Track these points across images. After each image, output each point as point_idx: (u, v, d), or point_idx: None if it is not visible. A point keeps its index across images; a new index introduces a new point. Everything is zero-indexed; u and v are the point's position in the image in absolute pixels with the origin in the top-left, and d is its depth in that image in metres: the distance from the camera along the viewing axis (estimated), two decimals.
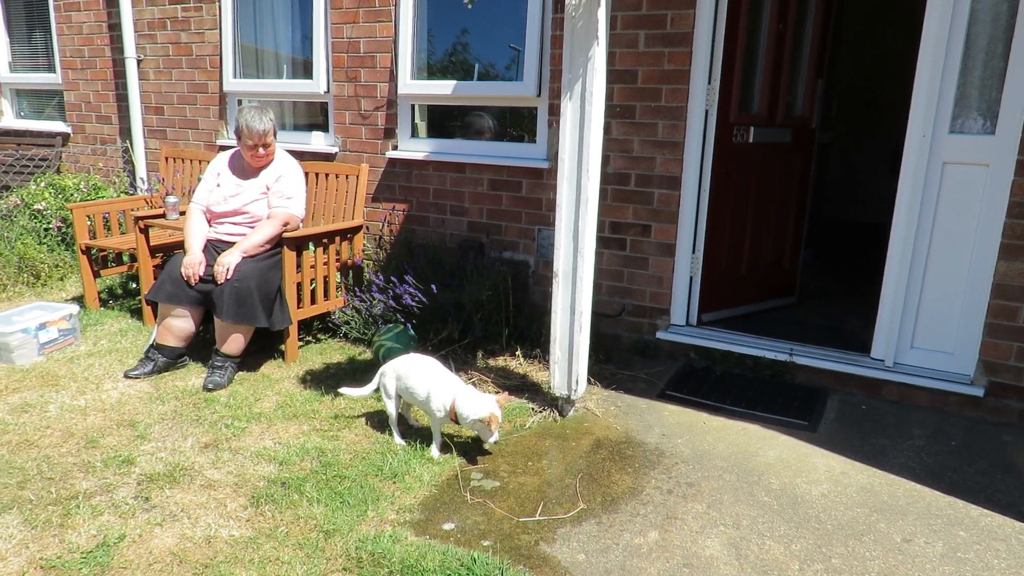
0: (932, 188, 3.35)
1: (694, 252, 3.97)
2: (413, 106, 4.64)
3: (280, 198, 3.81)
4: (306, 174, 4.19)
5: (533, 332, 4.00)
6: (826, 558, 2.34)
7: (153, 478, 2.71)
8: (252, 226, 3.80)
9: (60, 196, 5.52)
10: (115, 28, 5.64)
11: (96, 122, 6.04)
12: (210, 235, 3.83)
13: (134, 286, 5.00)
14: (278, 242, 3.77)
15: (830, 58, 4.90)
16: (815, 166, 4.62)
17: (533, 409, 3.33)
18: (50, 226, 5.39)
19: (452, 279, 4.04)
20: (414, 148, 4.61)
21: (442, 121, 4.69)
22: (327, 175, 4.54)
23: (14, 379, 3.55)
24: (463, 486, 2.71)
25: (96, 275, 4.67)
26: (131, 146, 5.79)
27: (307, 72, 4.90)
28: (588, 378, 3.49)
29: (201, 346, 3.87)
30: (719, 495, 2.69)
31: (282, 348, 3.93)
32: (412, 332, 3.87)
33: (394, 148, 4.67)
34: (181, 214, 4.29)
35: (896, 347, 3.55)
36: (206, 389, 3.48)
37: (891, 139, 6.54)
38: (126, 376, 3.60)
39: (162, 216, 4.37)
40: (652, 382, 3.70)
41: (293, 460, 2.86)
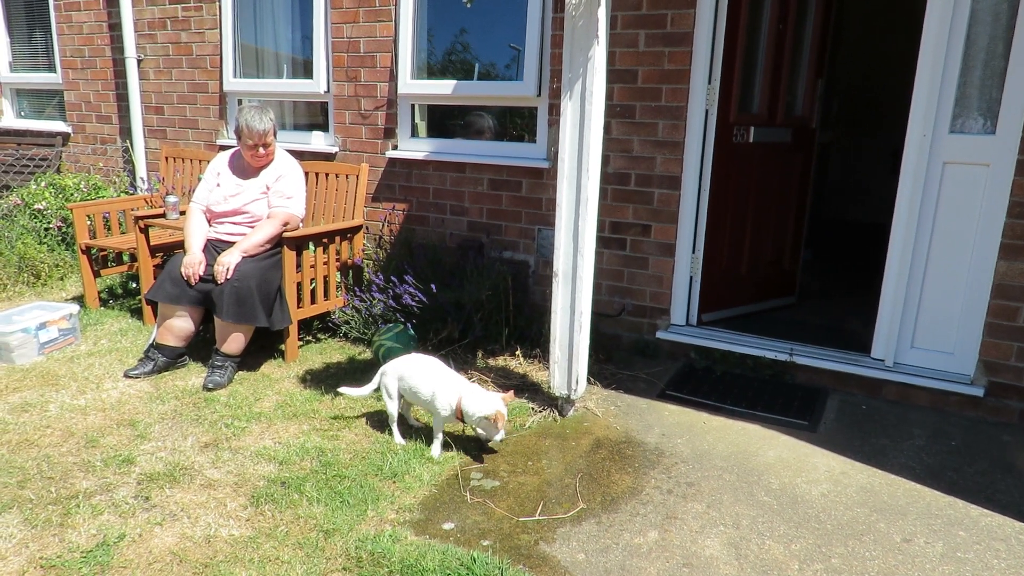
0: (932, 188, 3.35)
1: (694, 252, 3.97)
2: (413, 106, 4.64)
3: (280, 198, 3.81)
4: (306, 174, 4.19)
5: (533, 332, 4.00)
6: (826, 558, 2.34)
7: (153, 477, 2.71)
8: (252, 226, 3.80)
9: (60, 196, 5.53)
10: (115, 28, 5.65)
11: (96, 122, 6.04)
12: (210, 235, 3.83)
13: (134, 286, 5.00)
14: (278, 242, 3.78)
15: (830, 58, 4.90)
16: (815, 166, 4.62)
17: (533, 409, 3.33)
18: (50, 226, 5.39)
19: (452, 279, 4.04)
20: (414, 148, 4.61)
21: (442, 121, 4.69)
22: (327, 175, 4.54)
23: (14, 379, 3.55)
24: (463, 486, 2.71)
25: (96, 275, 4.67)
26: (131, 146, 5.79)
27: (307, 72, 4.90)
28: (588, 378, 3.49)
29: (201, 346, 3.87)
30: (719, 495, 2.69)
31: (282, 348, 3.93)
32: (412, 332, 3.87)
33: (394, 148, 4.67)
34: (181, 214, 4.29)
35: (896, 347, 3.55)
36: (206, 389, 3.48)
37: (891, 139, 6.53)
38: (126, 376, 3.60)
39: (162, 216, 4.37)
40: (652, 382, 3.70)
41: (293, 460, 2.86)
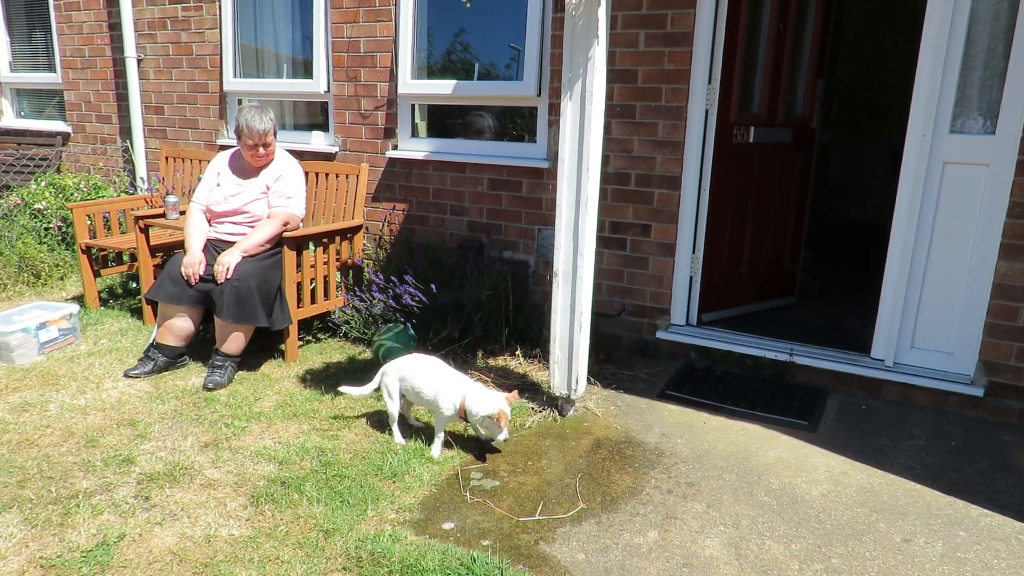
0: (932, 188, 3.35)
1: (694, 252, 3.97)
2: (413, 106, 4.64)
3: (280, 198, 3.81)
4: (306, 174, 4.19)
5: (533, 332, 4.00)
6: (826, 558, 2.34)
7: (153, 477, 2.71)
8: (252, 226, 3.80)
9: (60, 196, 5.53)
10: (115, 28, 5.65)
11: (96, 121, 6.04)
12: (210, 235, 3.83)
13: (134, 285, 5.00)
14: (278, 242, 3.78)
15: (830, 58, 4.90)
16: (815, 166, 4.62)
17: (533, 409, 3.33)
18: (50, 225, 5.39)
19: (452, 279, 4.04)
20: (414, 148, 4.61)
21: (442, 121, 4.69)
22: (327, 175, 4.54)
23: (14, 378, 3.55)
24: (463, 485, 2.71)
25: (96, 274, 4.67)
26: (131, 145, 5.79)
27: (307, 72, 4.90)
28: (588, 378, 3.49)
29: (201, 345, 3.87)
30: (719, 495, 2.69)
31: (282, 347, 3.93)
32: (412, 332, 3.87)
33: (394, 148, 4.67)
34: (181, 214, 4.29)
35: (896, 347, 3.55)
36: (206, 388, 3.48)
37: (891, 139, 6.54)
38: (126, 375, 3.60)
39: (162, 216, 4.37)
40: (652, 382, 3.70)
41: (293, 459, 2.86)
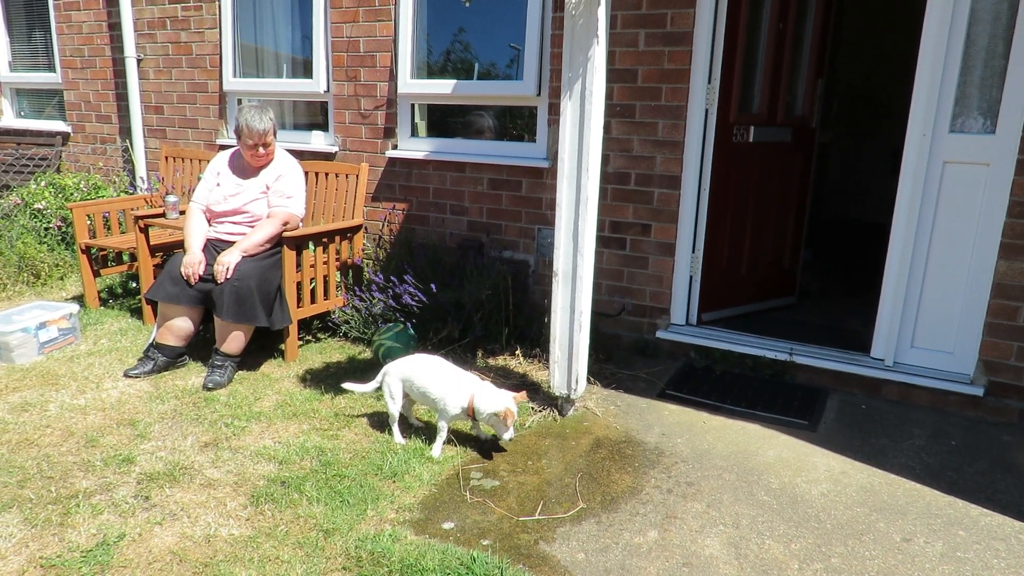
0: (932, 187, 3.35)
1: (694, 251, 3.97)
2: (413, 105, 4.64)
3: (280, 197, 3.81)
4: (306, 173, 4.19)
5: (533, 331, 4.00)
6: (826, 557, 2.34)
7: (153, 477, 2.71)
8: (252, 225, 3.80)
9: (60, 195, 5.53)
10: (115, 27, 5.65)
11: (96, 121, 6.04)
12: (210, 234, 3.83)
13: (134, 285, 5.00)
14: (278, 241, 3.78)
15: (830, 58, 4.90)
16: (815, 166, 4.62)
17: (533, 408, 3.33)
18: (50, 225, 5.39)
19: (452, 278, 4.04)
20: (414, 147, 4.61)
21: (442, 120, 4.69)
22: (327, 174, 4.54)
23: (14, 378, 3.55)
24: (463, 485, 2.71)
25: (96, 274, 4.67)
26: (131, 145, 5.79)
27: (307, 71, 4.90)
28: (588, 377, 3.49)
29: (201, 345, 3.87)
30: (719, 494, 2.69)
31: (282, 347, 3.93)
32: (412, 331, 3.87)
33: (394, 147, 4.67)
34: (181, 213, 4.29)
35: (896, 347, 3.55)
36: (206, 388, 3.48)
37: (891, 139, 6.54)
38: (126, 375, 3.60)
39: (162, 215, 4.37)
40: (652, 381, 3.70)
41: (293, 459, 2.86)
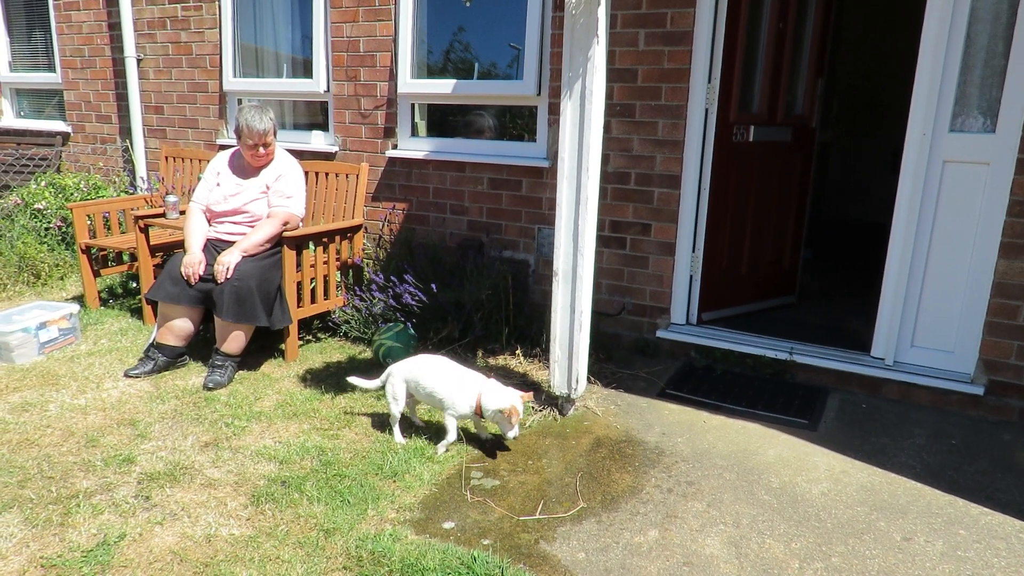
0: (932, 187, 3.35)
1: (694, 251, 3.97)
2: (413, 105, 4.64)
3: (280, 197, 3.81)
4: (306, 173, 4.19)
5: (533, 331, 4.00)
6: (826, 556, 2.34)
7: (153, 477, 2.71)
8: (252, 225, 3.80)
9: (60, 195, 5.53)
10: (115, 27, 5.65)
11: (96, 121, 6.04)
12: (210, 234, 3.83)
13: (134, 285, 5.00)
14: (278, 241, 3.78)
15: (830, 57, 4.90)
16: (815, 165, 4.62)
17: (533, 408, 3.33)
18: (50, 225, 5.39)
19: (452, 278, 4.04)
20: (414, 147, 4.61)
21: (442, 120, 4.69)
22: (327, 174, 4.54)
23: (14, 378, 3.55)
24: (463, 485, 2.71)
25: (96, 274, 4.67)
26: (131, 145, 5.79)
27: (307, 71, 4.90)
28: (588, 377, 3.49)
29: (201, 345, 3.87)
30: (719, 494, 2.69)
31: (282, 347, 3.93)
32: (412, 331, 3.87)
33: (394, 147, 4.67)
34: (181, 213, 4.29)
35: (896, 346, 3.55)
36: (206, 388, 3.48)
37: (891, 138, 6.54)
38: (126, 375, 3.60)
39: (162, 215, 4.37)
40: (652, 381, 3.70)
41: (293, 459, 2.86)
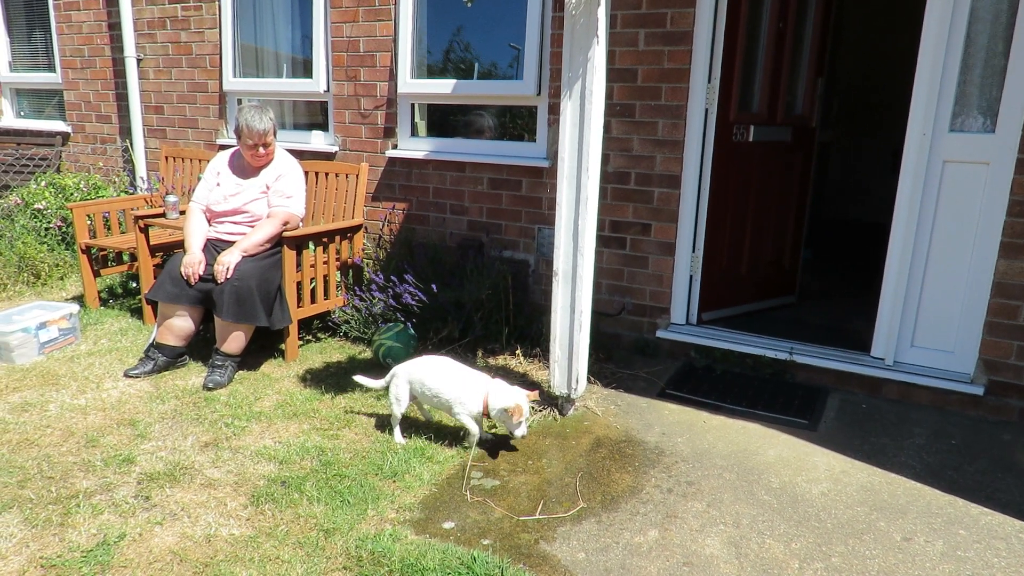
0: (932, 187, 3.35)
1: (694, 251, 3.97)
2: (413, 105, 4.64)
3: (280, 197, 3.81)
4: (306, 173, 4.19)
5: (533, 331, 4.00)
6: (826, 556, 2.34)
7: (153, 477, 2.71)
8: (252, 225, 3.80)
9: (60, 195, 5.53)
10: (115, 27, 5.65)
11: (96, 121, 6.04)
12: (210, 234, 3.83)
13: (134, 285, 5.00)
14: (278, 241, 3.78)
15: (830, 57, 4.90)
16: (815, 165, 4.62)
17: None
18: (50, 225, 5.39)
19: (452, 278, 4.04)
20: (414, 147, 4.61)
21: (442, 120, 4.69)
22: (327, 174, 4.54)
23: (14, 378, 3.55)
24: (463, 485, 2.71)
25: (96, 274, 4.67)
26: (131, 145, 5.79)
27: (307, 71, 4.90)
28: (588, 377, 3.49)
29: (201, 345, 3.87)
30: (719, 494, 2.69)
31: (282, 347, 3.93)
32: (412, 331, 3.87)
33: (394, 147, 4.67)
34: (181, 213, 4.29)
35: (896, 346, 3.55)
36: (206, 388, 3.48)
37: (891, 138, 6.54)
38: (126, 375, 3.60)
39: (162, 215, 4.37)
40: (652, 381, 3.70)
41: (293, 459, 2.86)
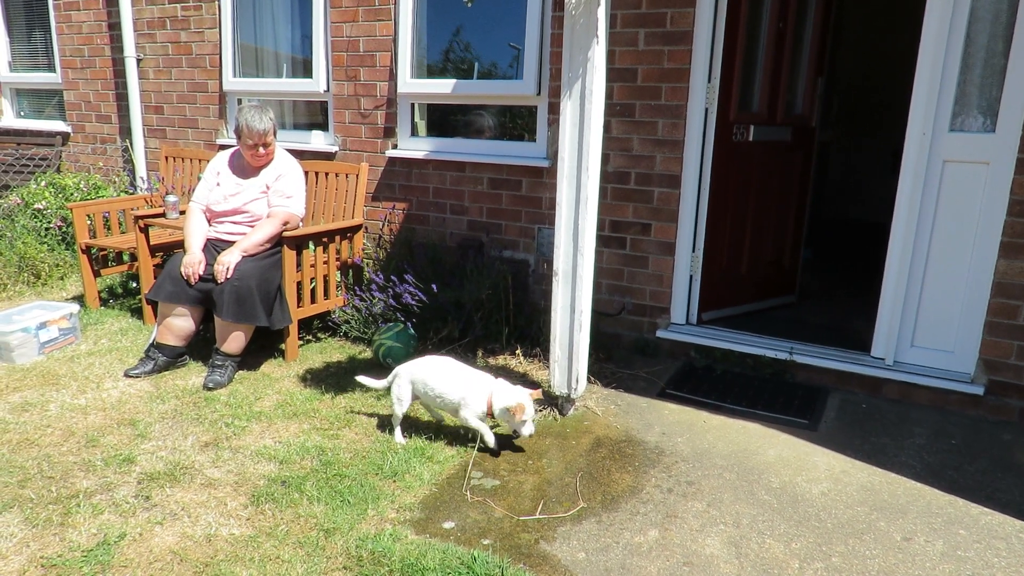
0: (932, 186, 3.35)
1: (694, 251, 3.97)
2: (413, 105, 4.64)
3: (280, 197, 3.81)
4: (306, 173, 4.19)
5: (533, 331, 4.00)
6: (826, 556, 2.34)
7: (153, 477, 2.71)
8: (252, 225, 3.80)
9: (60, 195, 5.53)
10: (115, 27, 5.64)
11: (96, 121, 6.04)
12: (210, 234, 3.83)
13: (134, 285, 5.00)
14: (278, 241, 3.78)
15: (830, 57, 4.90)
16: (815, 165, 4.62)
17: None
18: (50, 225, 5.39)
19: (452, 278, 4.04)
20: (414, 147, 4.61)
21: (442, 120, 4.69)
22: (327, 174, 4.54)
23: (14, 378, 3.55)
24: (463, 484, 2.71)
25: (96, 274, 4.67)
26: (131, 145, 5.79)
27: (307, 71, 4.90)
28: (588, 377, 3.49)
29: (201, 345, 3.87)
30: (719, 493, 2.69)
31: (282, 347, 3.93)
32: (412, 331, 3.87)
33: (394, 147, 4.67)
34: (181, 213, 4.29)
35: (896, 346, 3.55)
36: (206, 388, 3.48)
37: (891, 138, 6.54)
38: (126, 375, 3.60)
39: (162, 215, 4.37)
40: (652, 381, 3.70)
41: (293, 459, 2.86)
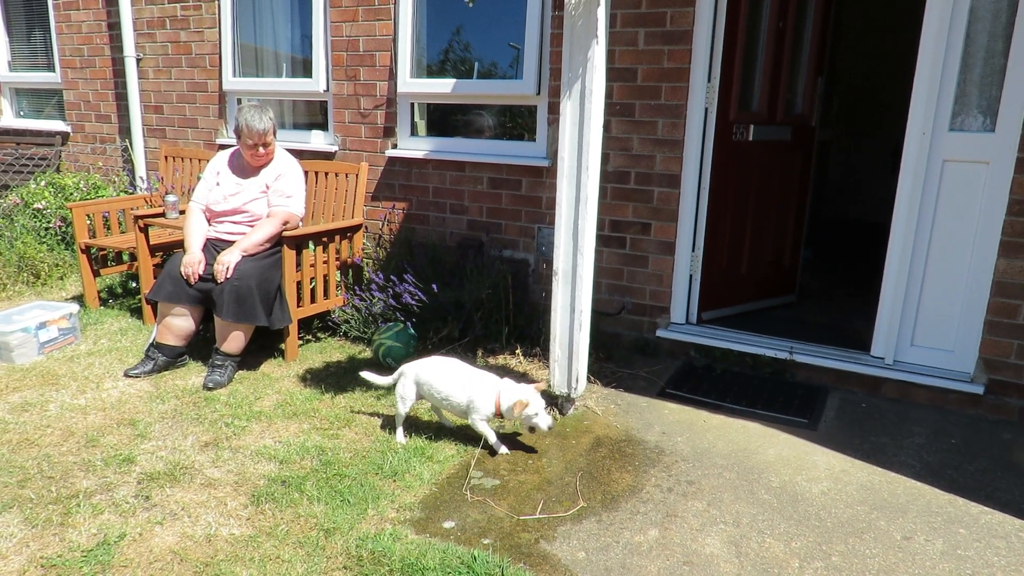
0: (932, 186, 3.35)
1: (694, 250, 3.97)
2: (413, 104, 4.64)
3: (280, 197, 3.81)
4: (306, 173, 4.19)
5: (533, 330, 4.00)
6: (826, 556, 2.34)
7: (153, 477, 2.71)
8: (252, 225, 3.80)
9: (60, 195, 5.53)
10: (114, 27, 5.64)
11: (95, 121, 6.04)
12: (210, 234, 3.83)
13: (134, 285, 5.00)
14: (278, 241, 3.78)
15: (830, 56, 4.90)
16: (815, 164, 4.62)
17: None
18: (50, 225, 5.39)
19: (452, 278, 4.04)
20: (414, 147, 4.61)
21: (442, 119, 4.69)
22: (327, 174, 4.54)
23: (14, 378, 3.55)
24: (463, 484, 2.71)
25: (96, 274, 4.66)
26: (130, 145, 5.79)
27: (306, 71, 4.90)
28: (588, 376, 3.49)
29: (201, 345, 3.87)
30: (719, 493, 2.69)
31: (282, 347, 3.93)
32: (412, 331, 3.87)
33: (394, 147, 4.67)
34: (181, 213, 4.29)
35: (896, 345, 3.55)
36: (206, 388, 3.48)
37: (891, 138, 6.55)
38: (126, 375, 3.60)
39: (162, 215, 4.37)
40: (652, 380, 3.70)
41: (293, 459, 2.86)
